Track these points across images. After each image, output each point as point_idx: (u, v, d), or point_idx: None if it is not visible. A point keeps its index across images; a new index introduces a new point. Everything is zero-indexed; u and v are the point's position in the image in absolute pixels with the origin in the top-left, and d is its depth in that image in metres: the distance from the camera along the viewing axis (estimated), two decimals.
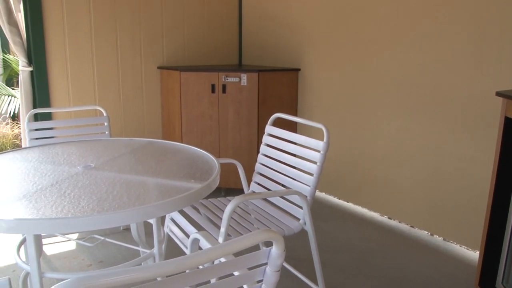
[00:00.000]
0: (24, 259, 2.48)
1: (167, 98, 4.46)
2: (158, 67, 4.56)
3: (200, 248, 1.70)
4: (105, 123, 3.19)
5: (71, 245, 3.34)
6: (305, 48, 4.30)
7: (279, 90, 4.20)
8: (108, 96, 4.34)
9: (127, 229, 3.54)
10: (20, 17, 4.02)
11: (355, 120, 3.90)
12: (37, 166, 2.11)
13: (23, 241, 2.41)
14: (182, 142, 4.05)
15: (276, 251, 1.13)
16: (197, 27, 4.78)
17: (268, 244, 2.79)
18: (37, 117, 3.92)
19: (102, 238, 2.65)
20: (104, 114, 3.19)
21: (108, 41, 4.28)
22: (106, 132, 3.18)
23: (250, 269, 1.19)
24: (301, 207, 2.46)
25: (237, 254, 1.14)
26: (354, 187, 4.02)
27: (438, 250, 3.31)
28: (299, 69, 4.35)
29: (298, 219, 2.50)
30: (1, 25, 3.97)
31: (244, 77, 3.96)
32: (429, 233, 3.54)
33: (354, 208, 4.09)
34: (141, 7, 4.40)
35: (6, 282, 1.48)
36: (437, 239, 3.48)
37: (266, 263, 1.18)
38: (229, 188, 4.12)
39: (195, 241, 1.74)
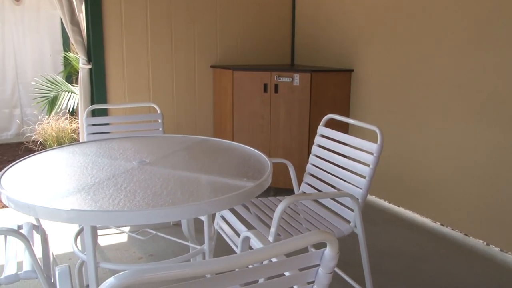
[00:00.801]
0: (80, 248, 2.57)
1: (219, 96, 4.51)
2: (211, 66, 4.62)
3: (250, 247, 1.71)
4: (159, 120, 3.26)
5: (123, 238, 3.44)
6: (359, 48, 4.23)
7: (331, 91, 4.16)
8: (162, 94, 4.44)
9: (177, 224, 3.61)
10: (82, 17, 4.18)
11: (409, 123, 3.81)
12: (95, 160, 2.18)
13: (80, 231, 2.50)
14: (233, 141, 4.09)
15: (329, 253, 1.12)
16: (250, 26, 4.80)
17: (317, 245, 2.78)
18: (94, 113, 4.06)
19: (154, 232, 2.71)
20: (158, 111, 3.26)
21: (163, 40, 4.37)
22: (160, 129, 3.25)
23: (301, 270, 1.18)
24: (352, 210, 2.43)
25: (287, 254, 1.14)
26: (406, 191, 3.93)
27: (494, 261, 3.18)
28: (352, 70, 4.29)
29: (349, 222, 2.46)
30: (65, 25, 4.14)
31: (296, 77, 3.95)
32: (485, 243, 3.41)
33: (404, 212, 4.00)
34: (196, 6, 4.47)
35: (66, 268, 1.54)
36: (494, 249, 3.34)
37: (318, 265, 1.17)
38: (278, 187, 4.12)
39: (246, 239, 1.74)
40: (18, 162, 2.19)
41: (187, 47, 4.50)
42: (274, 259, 1.18)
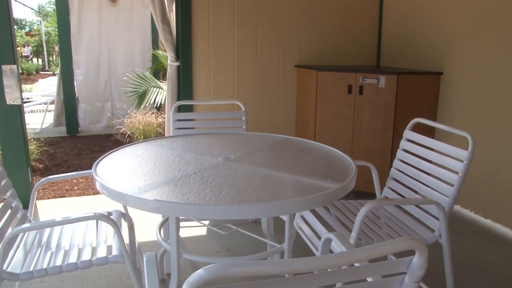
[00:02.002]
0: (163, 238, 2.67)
1: (303, 96, 4.50)
2: (296, 66, 4.62)
3: (330, 249, 1.70)
4: (243, 118, 3.31)
5: (202, 231, 3.53)
6: (450, 49, 4.04)
7: (418, 94, 4.01)
8: (245, 92, 4.51)
9: (255, 221, 3.64)
10: (172, 17, 4.34)
11: (503, 129, 3.58)
12: (182, 154, 2.26)
13: (164, 222, 2.60)
14: (315, 141, 4.07)
15: (418, 261, 1.08)
16: (336, 26, 4.74)
17: (400, 252, 2.69)
18: (180, 109, 4.20)
19: (235, 228, 2.76)
20: (242, 109, 3.31)
21: (249, 39, 4.44)
22: (243, 127, 3.30)
23: (384, 276, 1.15)
24: (437, 218, 2.33)
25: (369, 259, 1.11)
26: (494, 202, 3.70)
27: None
28: (441, 73, 4.11)
29: (433, 231, 2.36)
30: (156, 24, 4.32)
31: (382, 79, 3.85)
32: None
33: (492, 225, 3.77)
34: (282, 6, 4.49)
35: (153, 256, 1.61)
36: None
37: (403, 273, 1.13)
38: (358, 190, 4.04)
39: (327, 241, 1.73)
40: (111, 152, 2.32)
41: (272, 47, 4.53)
42: (356, 264, 1.16)
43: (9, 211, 2.38)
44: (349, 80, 3.96)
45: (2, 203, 2.38)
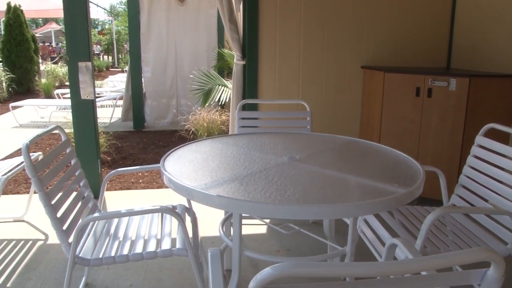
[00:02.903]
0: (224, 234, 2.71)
1: (368, 98, 4.42)
2: (362, 67, 4.54)
3: (394, 255, 1.66)
4: (308, 118, 3.30)
5: (262, 229, 3.55)
6: None
7: (492, 98, 3.83)
8: (310, 92, 4.49)
9: (316, 222, 3.63)
10: (239, 16, 4.39)
11: None
12: (247, 152, 2.28)
13: (226, 218, 2.64)
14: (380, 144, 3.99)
15: (494, 274, 1.03)
16: (405, 25, 4.61)
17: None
18: (244, 107, 4.24)
19: (297, 228, 2.76)
20: (308, 109, 3.30)
21: (315, 39, 4.41)
22: (308, 127, 3.29)
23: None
24: (510, 230, 2.22)
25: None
26: None
27: None
28: None
29: (505, 243, 2.25)
30: (223, 23, 4.39)
31: (453, 81, 3.71)
32: None
33: None
34: (349, 5, 4.42)
35: (218, 251, 1.63)
36: None
37: (472, 286, 1.08)
38: (423, 197, 3.92)
39: (392, 247, 1.69)
40: (178, 148, 2.38)
41: (338, 47, 4.48)
42: (423, 273, 1.13)
43: (81, 201, 2.50)
44: (418, 83, 3.85)
45: (76, 192, 2.51)
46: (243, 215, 2.25)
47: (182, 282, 2.82)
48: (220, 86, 5.63)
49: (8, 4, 13.40)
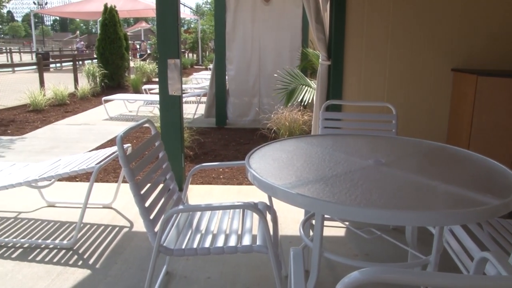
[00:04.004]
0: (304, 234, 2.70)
1: (458, 102, 4.21)
2: (452, 69, 4.34)
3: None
4: (393, 121, 3.21)
5: (340, 232, 3.50)
6: None
7: None
8: (396, 94, 4.36)
9: (396, 229, 3.52)
10: (326, 16, 4.35)
11: None
12: (332, 154, 2.25)
13: (307, 219, 2.63)
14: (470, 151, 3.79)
15: None
16: (500, 25, 4.34)
17: None
18: (327, 108, 4.20)
19: (379, 233, 2.70)
20: (394, 112, 3.21)
21: (403, 42, 4.27)
22: (393, 130, 3.20)
23: None
24: None
25: None
26: None
27: None
28: None
29: None
30: (309, 22, 4.37)
31: None
32: None
33: None
34: (440, 4, 4.23)
35: (300, 251, 1.63)
36: None
37: None
38: None
39: (483, 260, 1.60)
40: (262, 146, 2.41)
41: (427, 49, 4.31)
42: None
43: (167, 192, 2.60)
44: None
45: (162, 184, 2.61)
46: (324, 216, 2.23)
47: (259, 279, 2.84)
48: (304, 86, 5.61)
49: (105, 5, 14.26)
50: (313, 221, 3.38)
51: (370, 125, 3.30)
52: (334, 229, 3.54)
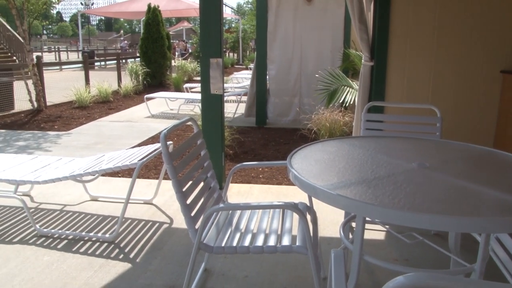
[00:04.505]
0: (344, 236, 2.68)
1: (507, 106, 4.07)
2: (502, 71, 4.19)
3: None
4: (437, 124, 3.13)
5: (380, 235, 3.45)
6: None
7: None
8: (441, 96, 4.25)
9: (437, 234, 3.44)
10: (370, 16, 4.29)
11: None
12: (374, 156, 2.22)
13: (347, 221, 2.61)
14: None
15: None
16: None
17: None
18: (369, 109, 4.14)
19: (420, 238, 2.64)
20: (438, 115, 3.13)
21: (449, 43, 4.16)
22: (437, 133, 3.12)
23: None
24: None
25: None
26: None
27: None
28: None
29: None
30: (352, 23, 4.32)
31: None
32: None
33: None
34: (490, 4, 4.10)
35: (341, 253, 1.62)
36: None
37: None
38: None
39: None
40: (304, 146, 2.40)
41: (475, 50, 4.18)
42: None
43: (208, 190, 2.63)
44: None
45: (203, 182, 2.64)
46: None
47: (296, 280, 2.84)
48: (345, 87, 5.56)
49: (149, 5, 14.55)
50: (353, 224, 3.35)
51: (413, 127, 3.24)
52: (374, 232, 3.49)
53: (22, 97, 9.89)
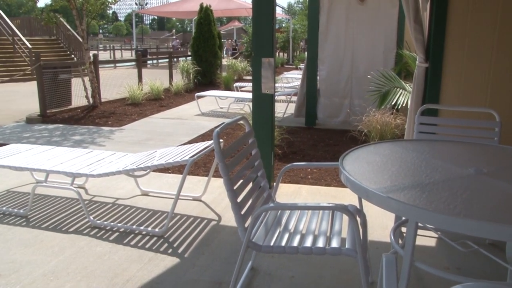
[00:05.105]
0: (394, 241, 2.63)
1: None
2: None
3: None
4: (496, 129, 3.01)
5: (431, 242, 3.36)
6: None
7: None
8: (500, 100, 4.08)
9: (493, 244, 3.31)
10: (425, 16, 4.18)
11: None
12: (428, 160, 2.17)
13: (399, 225, 2.56)
14: None
15: None
16: None
17: None
18: (423, 112, 4.04)
19: (475, 246, 2.55)
20: (497, 119, 3.02)
21: (510, 45, 4.00)
22: (495, 138, 3.00)
23: None
24: None
25: None
26: None
27: None
28: None
29: None
30: (407, 23, 4.22)
31: None
32: None
33: None
34: None
35: (393, 258, 1.59)
36: None
37: None
38: None
39: None
40: (356, 148, 2.37)
41: None
42: None
43: (258, 190, 2.64)
44: None
45: (253, 181, 2.65)
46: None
47: (344, 283, 2.81)
48: (398, 89, 5.43)
49: (201, 5, 14.77)
50: (403, 229, 3.28)
51: (470, 131, 3.13)
52: (424, 238, 3.40)
53: (79, 94, 10.28)
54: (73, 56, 20.33)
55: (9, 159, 4.02)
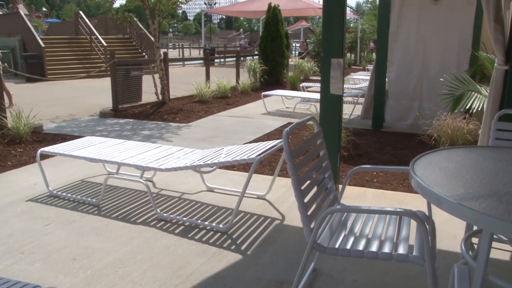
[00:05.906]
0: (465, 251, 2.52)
1: None
2: None
3: None
4: None
5: (506, 255, 3.18)
6: None
7: None
8: None
9: None
10: (508, 15, 3.97)
11: None
12: (506, 168, 2.06)
13: (471, 235, 2.45)
14: None
15: None
16: None
17: None
18: (501, 118, 3.84)
19: None
20: None
21: None
22: None
23: None
24: None
25: None
26: None
27: None
28: None
29: None
30: (487, 22, 4.02)
31: None
32: None
33: None
34: None
35: (466, 270, 1.53)
36: None
37: None
38: None
39: None
40: (428, 153, 2.30)
41: None
42: None
43: (324, 191, 2.62)
44: None
45: (320, 182, 2.64)
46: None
47: None
48: (473, 92, 5.19)
49: (269, 5, 14.85)
50: (473, 239, 3.14)
51: None
52: (498, 251, 3.23)
53: (148, 90, 10.65)
54: (144, 54, 21.10)
55: (84, 150, 4.24)
